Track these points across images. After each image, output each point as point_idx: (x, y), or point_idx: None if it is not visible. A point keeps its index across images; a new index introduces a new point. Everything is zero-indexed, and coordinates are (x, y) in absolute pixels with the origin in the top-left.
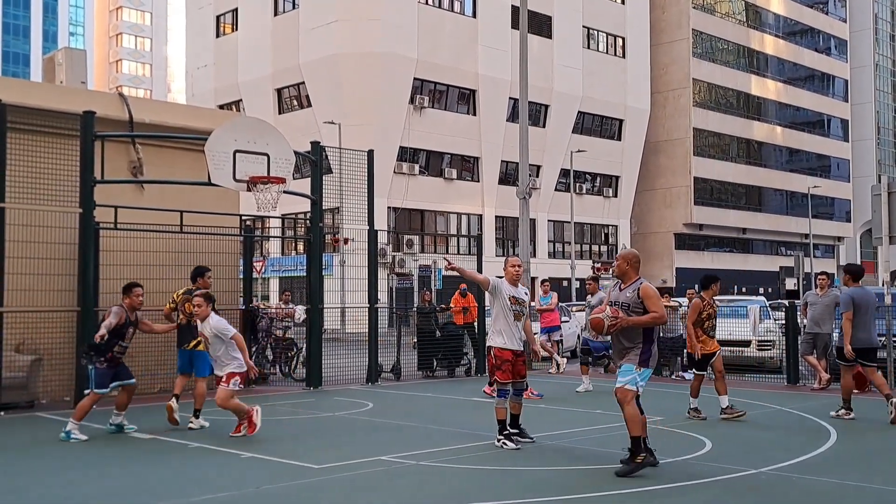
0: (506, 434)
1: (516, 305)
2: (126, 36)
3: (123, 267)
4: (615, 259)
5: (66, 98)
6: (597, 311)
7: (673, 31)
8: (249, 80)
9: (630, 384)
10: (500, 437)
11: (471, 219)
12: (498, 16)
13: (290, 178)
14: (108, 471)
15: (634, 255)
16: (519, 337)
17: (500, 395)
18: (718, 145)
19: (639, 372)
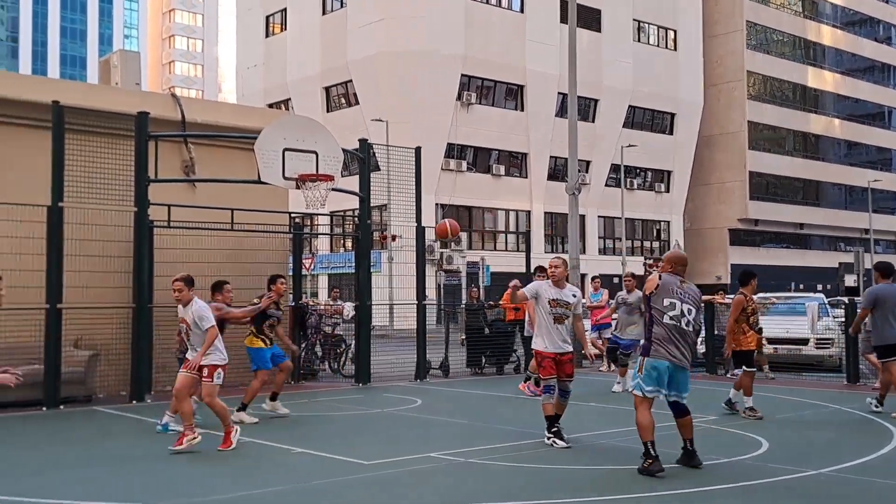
0: (555, 431)
1: (557, 308)
2: (178, 38)
3: (176, 264)
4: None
5: (121, 99)
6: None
7: (726, 23)
8: (298, 78)
9: (636, 389)
10: (550, 434)
11: (519, 215)
12: (546, 10)
13: (338, 176)
14: (161, 464)
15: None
16: (562, 339)
17: (545, 391)
18: (774, 139)
19: (641, 376)
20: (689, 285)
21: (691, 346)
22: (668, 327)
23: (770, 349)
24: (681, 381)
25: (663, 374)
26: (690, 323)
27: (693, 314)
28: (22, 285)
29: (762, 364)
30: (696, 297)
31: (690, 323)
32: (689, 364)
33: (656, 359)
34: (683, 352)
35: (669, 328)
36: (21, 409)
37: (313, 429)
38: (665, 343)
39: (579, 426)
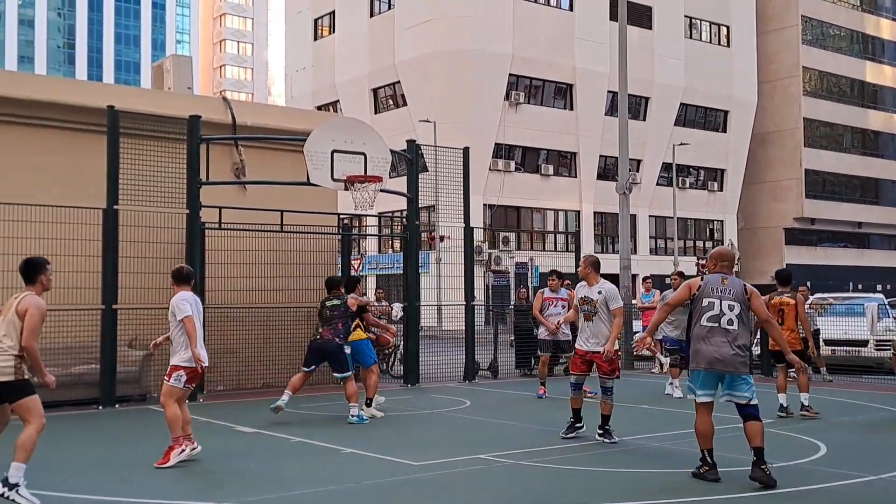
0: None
1: (586, 306)
2: (229, 42)
3: (227, 265)
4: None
5: (174, 103)
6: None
7: (781, 18)
8: (346, 80)
9: (689, 393)
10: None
11: (568, 215)
12: (595, 8)
13: (386, 177)
14: (210, 464)
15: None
16: (589, 337)
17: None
18: (831, 135)
19: (690, 376)
20: (731, 280)
21: (740, 345)
22: (705, 329)
23: (828, 351)
24: (731, 382)
25: (710, 378)
26: (734, 321)
27: (737, 310)
28: (79, 286)
29: (820, 366)
30: (740, 291)
31: (734, 321)
32: (738, 364)
33: (694, 368)
34: (726, 353)
35: (707, 330)
36: (78, 407)
37: (362, 429)
38: (702, 347)
39: (632, 428)
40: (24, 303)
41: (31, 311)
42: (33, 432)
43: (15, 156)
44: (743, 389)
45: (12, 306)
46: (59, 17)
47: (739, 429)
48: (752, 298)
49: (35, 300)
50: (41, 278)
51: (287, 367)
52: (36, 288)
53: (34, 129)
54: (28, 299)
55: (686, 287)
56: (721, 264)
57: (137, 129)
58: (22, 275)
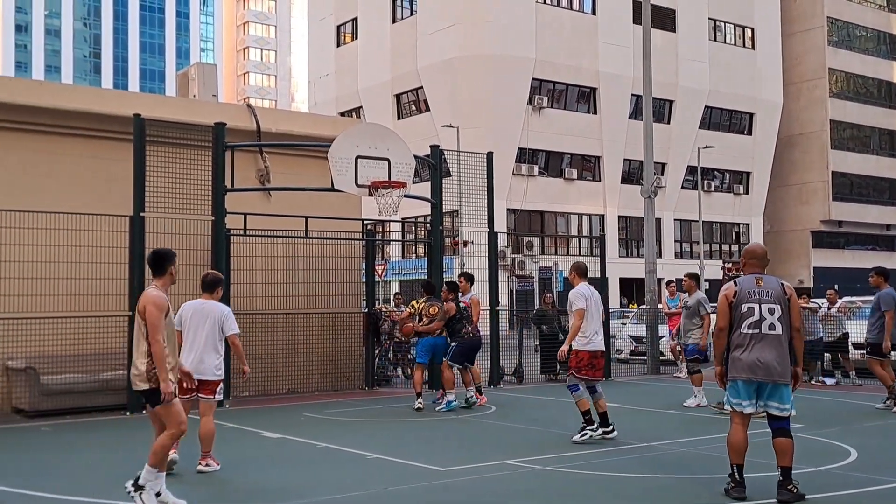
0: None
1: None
2: (252, 49)
3: (253, 272)
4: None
5: (199, 111)
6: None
7: (806, 20)
8: (369, 86)
9: (726, 403)
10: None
11: (592, 219)
12: (618, 11)
13: (410, 183)
14: (237, 470)
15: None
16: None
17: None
18: (858, 137)
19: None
20: (766, 280)
21: (784, 351)
22: (746, 337)
23: (857, 354)
24: (773, 392)
25: (750, 387)
26: (776, 325)
27: (778, 312)
28: (106, 293)
29: (849, 370)
30: (779, 292)
31: (776, 325)
32: (782, 372)
33: (733, 378)
34: (769, 360)
35: (748, 338)
36: (106, 413)
37: (388, 434)
38: (742, 356)
39: (660, 434)
40: (142, 301)
41: (149, 308)
42: (166, 438)
43: (43, 165)
44: (784, 400)
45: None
46: (84, 27)
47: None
48: (791, 299)
49: (151, 295)
50: (171, 269)
51: (312, 372)
52: (164, 280)
53: (62, 138)
54: (145, 296)
55: (723, 298)
56: (751, 262)
57: (163, 136)
58: (151, 266)
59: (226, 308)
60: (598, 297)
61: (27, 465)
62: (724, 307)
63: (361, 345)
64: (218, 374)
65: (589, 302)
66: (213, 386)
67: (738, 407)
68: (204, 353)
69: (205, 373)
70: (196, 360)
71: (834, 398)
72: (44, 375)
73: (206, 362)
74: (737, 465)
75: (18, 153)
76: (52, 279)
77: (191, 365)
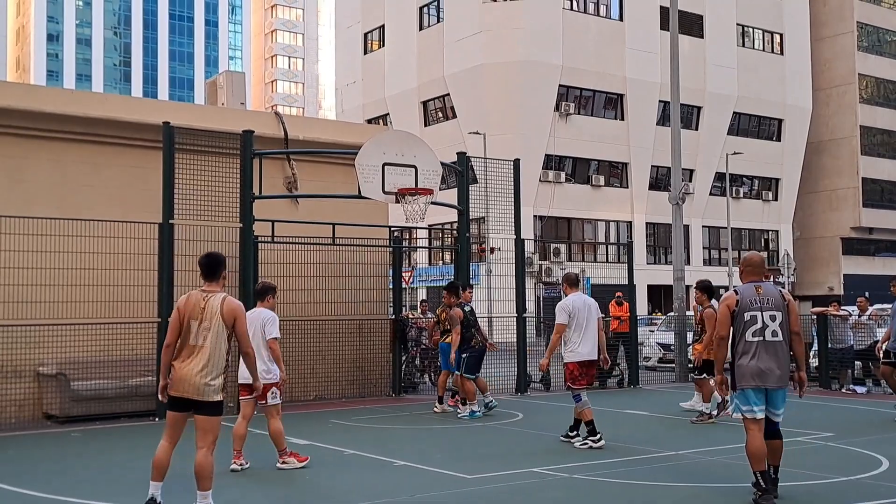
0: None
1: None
2: (280, 57)
3: (280, 279)
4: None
5: (227, 118)
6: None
7: (835, 25)
8: (396, 94)
9: (735, 412)
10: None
11: (619, 226)
12: (646, 18)
13: (437, 189)
14: (265, 476)
15: (743, 260)
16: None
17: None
18: (889, 143)
19: (736, 395)
20: (766, 288)
21: (786, 357)
22: (751, 345)
23: None
24: (773, 397)
25: (759, 393)
26: (778, 332)
27: (779, 319)
28: (136, 300)
29: (880, 378)
30: (778, 299)
31: (778, 332)
32: (784, 378)
33: (743, 387)
34: (773, 367)
35: (753, 346)
36: (135, 419)
37: (415, 442)
38: (748, 364)
39: (684, 443)
40: (230, 307)
41: (242, 317)
42: (212, 458)
43: (74, 173)
44: (782, 406)
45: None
46: (115, 35)
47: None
48: (789, 306)
49: (238, 303)
50: (224, 273)
51: (339, 379)
52: (220, 284)
53: (92, 146)
54: (231, 302)
55: (725, 307)
56: (748, 271)
57: (192, 144)
58: (206, 269)
59: (269, 314)
60: (591, 306)
61: (57, 470)
62: (726, 316)
63: (388, 351)
64: (267, 377)
65: (574, 313)
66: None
67: (749, 414)
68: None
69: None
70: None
71: (865, 407)
72: (74, 381)
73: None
74: (760, 473)
75: (49, 161)
76: (82, 286)
77: (240, 370)
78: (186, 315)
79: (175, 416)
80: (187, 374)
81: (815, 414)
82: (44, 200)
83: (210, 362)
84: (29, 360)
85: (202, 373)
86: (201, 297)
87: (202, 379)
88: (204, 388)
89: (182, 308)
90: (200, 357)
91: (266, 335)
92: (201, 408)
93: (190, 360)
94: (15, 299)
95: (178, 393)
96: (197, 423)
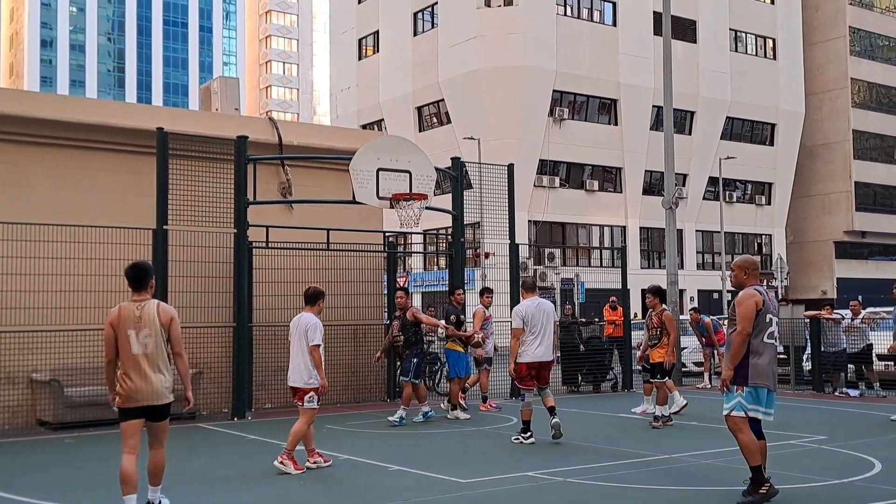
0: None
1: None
2: (275, 63)
3: (275, 284)
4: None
5: (221, 124)
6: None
7: (828, 30)
8: (390, 99)
9: (736, 410)
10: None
11: (614, 230)
12: (639, 23)
13: (431, 195)
14: (259, 482)
15: (748, 262)
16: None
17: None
18: (881, 147)
19: (741, 393)
20: (772, 293)
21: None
22: (767, 346)
23: (881, 366)
24: (770, 398)
25: (762, 394)
26: (778, 337)
27: (776, 325)
28: None
29: (873, 381)
30: (777, 305)
31: (778, 337)
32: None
33: (758, 385)
34: (777, 371)
35: (767, 347)
36: None
37: (410, 446)
38: (763, 364)
39: (679, 446)
40: (166, 311)
41: (176, 319)
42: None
43: (68, 178)
44: (774, 407)
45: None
46: (108, 41)
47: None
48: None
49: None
50: (152, 282)
51: (334, 384)
52: (149, 293)
53: (86, 152)
54: (166, 307)
55: (753, 304)
56: (753, 273)
57: (186, 150)
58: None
59: (313, 320)
60: (547, 310)
61: (50, 477)
62: (753, 313)
63: (376, 360)
64: (308, 382)
65: (528, 318)
66: (300, 393)
67: (753, 412)
68: (294, 363)
69: (295, 381)
70: (291, 368)
71: (858, 409)
72: (67, 387)
73: (296, 371)
74: (757, 468)
75: (43, 167)
76: (76, 292)
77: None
78: (121, 327)
79: (133, 425)
80: (144, 383)
81: (808, 417)
82: (37, 206)
83: (161, 365)
84: (22, 367)
85: (157, 377)
86: (134, 307)
87: (160, 383)
88: (163, 390)
89: (115, 321)
90: (150, 363)
91: (308, 341)
92: (158, 411)
93: (142, 369)
94: (8, 305)
95: (138, 403)
96: (152, 426)
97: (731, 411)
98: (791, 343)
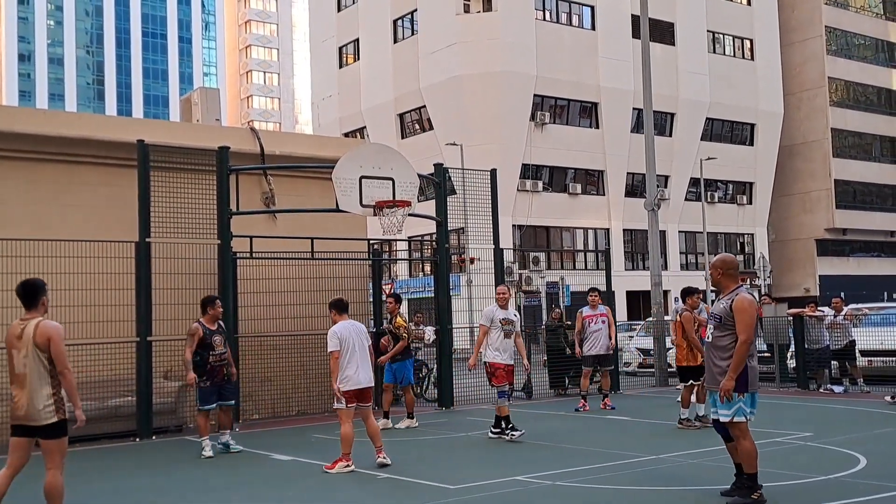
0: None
1: (507, 325)
2: (255, 73)
3: (260, 294)
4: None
5: (203, 135)
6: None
7: (805, 30)
8: (372, 107)
9: (738, 416)
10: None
11: (597, 233)
12: (618, 26)
13: (415, 201)
14: (248, 493)
15: (726, 261)
16: (511, 353)
17: (500, 395)
18: (860, 145)
19: (743, 398)
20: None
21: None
22: (754, 349)
23: (864, 362)
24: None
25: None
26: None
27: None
28: (114, 320)
29: (857, 377)
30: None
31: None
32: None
33: (754, 391)
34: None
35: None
36: (116, 440)
37: (398, 453)
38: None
39: (667, 447)
40: (42, 331)
41: (55, 338)
42: (61, 478)
43: (49, 193)
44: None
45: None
46: (87, 54)
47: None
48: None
49: (52, 325)
50: (43, 300)
51: (321, 394)
52: (40, 311)
53: (66, 166)
54: (44, 326)
55: (755, 312)
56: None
57: (168, 161)
58: (23, 298)
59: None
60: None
61: (36, 493)
62: (755, 321)
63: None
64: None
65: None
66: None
67: (752, 416)
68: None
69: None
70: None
71: (843, 406)
72: None
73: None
74: (754, 475)
75: (24, 182)
76: (59, 307)
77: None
78: (8, 345)
79: (16, 442)
80: (22, 404)
81: (794, 414)
82: (18, 221)
83: (35, 387)
84: (6, 383)
85: (32, 399)
86: (18, 326)
87: (35, 405)
88: (38, 413)
89: (6, 340)
90: (26, 384)
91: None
92: (41, 431)
93: (21, 390)
94: None
95: (18, 421)
96: (42, 446)
97: (733, 417)
98: (775, 341)
